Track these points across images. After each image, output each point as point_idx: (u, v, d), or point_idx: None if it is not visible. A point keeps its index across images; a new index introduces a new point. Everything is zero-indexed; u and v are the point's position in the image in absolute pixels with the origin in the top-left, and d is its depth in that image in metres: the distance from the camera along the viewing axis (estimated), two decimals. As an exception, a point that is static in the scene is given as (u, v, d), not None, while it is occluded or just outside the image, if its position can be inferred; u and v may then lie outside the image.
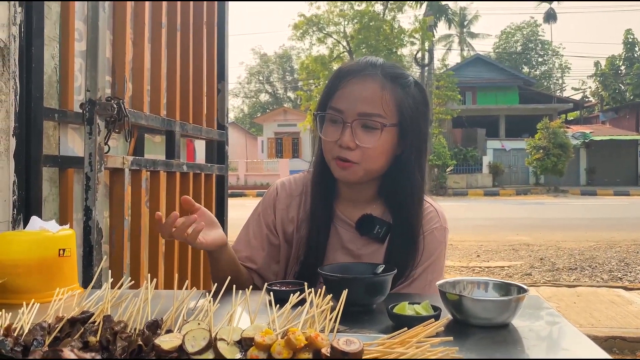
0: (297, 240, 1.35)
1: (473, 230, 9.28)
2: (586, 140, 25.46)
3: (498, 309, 0.86)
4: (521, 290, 0.90)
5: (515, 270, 5.78)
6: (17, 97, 1.67)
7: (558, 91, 42.23)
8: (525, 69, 41.65)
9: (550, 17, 41.54)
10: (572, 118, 33.99)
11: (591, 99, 39.11)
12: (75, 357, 0.43)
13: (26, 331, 0.83)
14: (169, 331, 0.84)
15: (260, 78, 45.20)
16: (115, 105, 1.68)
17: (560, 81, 44.57)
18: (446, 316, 0.91)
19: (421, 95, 1.29)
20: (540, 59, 43.65)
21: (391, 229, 1.28)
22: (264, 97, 46.43)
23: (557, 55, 43.80)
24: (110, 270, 1.75)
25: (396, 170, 1.27)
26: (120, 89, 1.88)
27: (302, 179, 1.43)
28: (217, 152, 2.55)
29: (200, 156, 3.00)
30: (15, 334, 0.82)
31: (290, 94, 44.07)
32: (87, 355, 0.45)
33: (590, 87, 41.70)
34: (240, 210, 6.08)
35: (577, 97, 39.31)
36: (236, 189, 22.27)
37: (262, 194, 1.49)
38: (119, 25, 1.92)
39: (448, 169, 22.75)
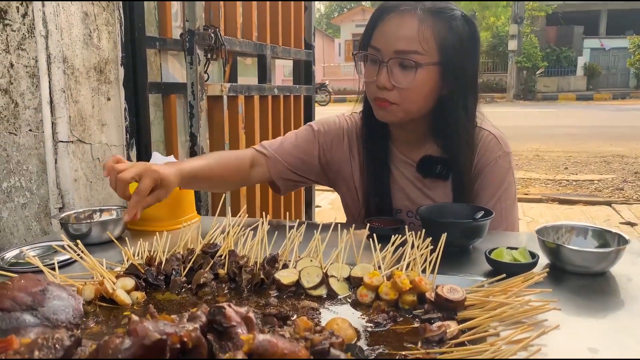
0: (360, 183, 1.36)
1: (561, 139, 8.87)
2: (702, 37, 22.65)
3: (597, 259, 0.89)
4: (622, 240, 0.91)
5: (605, 185, 5.54)
6: (122, 27, 1.76)
7: (674, -21, 37.04)
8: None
9: None
10: (688, 11, 30.04)
11: None
12: (234, 313, 0.52)
13: (164, 261, 0.97)
14: (284, 265, 0.94)
15: (338, -26, 43.09)
16: (212, 35, 1.74)
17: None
18: (544, 263, 0.94)
19: (469, 30, 1.19)
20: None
21: (450, 165, 1.27)
22: (341, -5, 44.54)
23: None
24: (211, 196, 1.90)
25: (441, 111, 1.22)
26: (215, 17, 1.92)
27: (343, 121, 1.41)
28: (305, 72, 2.58)
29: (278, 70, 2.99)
30: (155, 264, 0.96)
31: (369, -9, 41.90)
32: (243, 310, 0.54)
33: None
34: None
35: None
36: (314, 93, 22.24)
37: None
38: (210, -51, 1.92)
39: (538, 72, 21.34)
